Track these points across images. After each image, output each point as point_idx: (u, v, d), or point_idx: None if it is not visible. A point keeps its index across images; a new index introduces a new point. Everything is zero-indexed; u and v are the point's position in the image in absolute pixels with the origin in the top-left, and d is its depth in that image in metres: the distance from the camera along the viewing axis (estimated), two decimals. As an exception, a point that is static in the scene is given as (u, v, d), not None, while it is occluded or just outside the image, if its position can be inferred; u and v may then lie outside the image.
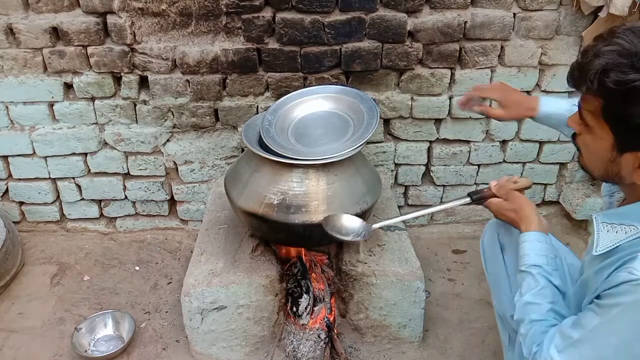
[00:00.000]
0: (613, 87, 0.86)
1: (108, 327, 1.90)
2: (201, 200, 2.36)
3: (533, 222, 1.22)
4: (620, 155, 0.94)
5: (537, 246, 1.17)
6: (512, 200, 1.29)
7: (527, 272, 1.15)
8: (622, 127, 0.91)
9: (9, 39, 2.02)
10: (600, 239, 1.01)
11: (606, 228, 1.00)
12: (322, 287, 1.83)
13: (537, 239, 1.18)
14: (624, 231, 0.97)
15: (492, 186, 1.34)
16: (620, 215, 1.00)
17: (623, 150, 0.93)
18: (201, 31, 2.01)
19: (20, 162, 2.25)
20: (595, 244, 1.01)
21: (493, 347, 1.82)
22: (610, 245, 0.98)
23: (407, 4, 1.99)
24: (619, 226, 0.98)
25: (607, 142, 0.94)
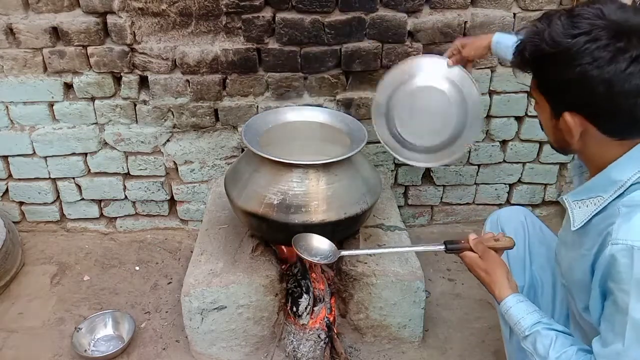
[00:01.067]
0: (529, 58, 1.02)
1: (108, 327, 1.90)
2: (201, 200, 2.36)
3: (504, 286, 1.23)
4: (557, 120, 1.04)
5: (523, 307, 1.19)
6: (487, 260, 1.29)
7: (533, 333, 1.15)
8: (548, 93, 1.05)
9: (9, 39, 2.02)
10: (575, 216, 1.08)
11: (577, 205, 1.08)
12: (322, 287, 1.83)
13: (518, 300, 1.20)
14: (592, 203, 1.05)
15: (470, 240, 1.33)
16: (587, 190, 1.07)
17: (557, 114, 1.03)
18: (201, 31, 2.01)
19: (20, 162, 2.25)
20: (572, 221, 1.08)
21: (493, 347, 1.82)
22: (585, 218, 1.06)
23: (407, 4, 1.99)
24: (587, 200, 1.06)
25: (546, 111, 1.07)
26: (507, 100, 2.21)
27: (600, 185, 1.03)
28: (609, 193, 1.01)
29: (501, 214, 1.59)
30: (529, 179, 2.40)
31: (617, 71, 0.91)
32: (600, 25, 0.93)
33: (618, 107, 0.94)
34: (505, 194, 2.44)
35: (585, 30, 0.93)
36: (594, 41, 0.92)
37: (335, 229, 1.65)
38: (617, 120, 0.97)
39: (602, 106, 0.95)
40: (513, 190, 2.43)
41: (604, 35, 0.92)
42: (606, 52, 0.91)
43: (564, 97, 1.00)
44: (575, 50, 0.93)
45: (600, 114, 0.98)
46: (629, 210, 0.96)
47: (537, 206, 2.48)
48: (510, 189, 2.44)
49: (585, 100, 0.96)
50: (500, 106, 2.22)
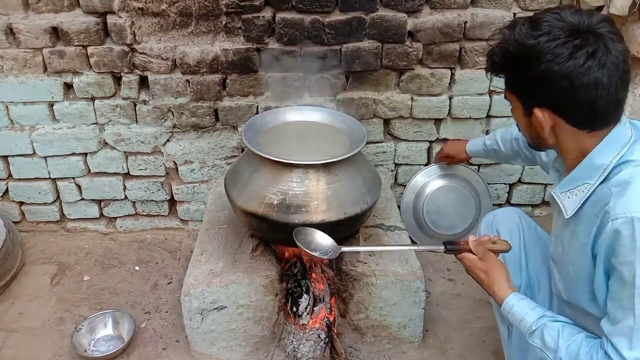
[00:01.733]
0: (497, 60, 1.11)
1: (108, 327, 1.90)
2: (201, 200, 2.36)
3: (505, 287, 1.27)
4: (530, 117, 1.11)
5: (525, 304, 1.22)
6: (487, 261, 1.31)
7: (539, 327, 1.16)
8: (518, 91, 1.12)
9: (9, 39, 2.02)
10: (566, 205, 1.13)
11: (566, 195, 1.13)
12: (322, 287, 1.83)
13: (519, 298, 1.23)
14: (580, 191, 1.10)
15: (470, 241, 1.35)
16: (572, 180, 1.12)
17: (529, 112, 1.10)
18: (201, 31, 2.01)
19: (20, 162, 2.25)
20: (565, 210, 1.13)
21: (493, 347, 1.82)
22: (576, 205, 1.11)
23: (407, 4, 1.99)
24: (575, 189, 1.11)
25: (519, 110, 1.14)
26: (507, 100, 2.21)
27: (585, 173, 1.09)
28: (594, 179, 1.07)
29: (496, 215, 1.62)
30: (529, 179, 2.40)
31: (576, 66, 0.99)
32: (558, 26, 1.02)
33: (579, 99, 1.01)
34: (505, 194, 2.44)
35: (545, 31, 1.02)
36: (554, 40, 1.00)
37: (335, 229, 1.64)
38: (581, 112, 1.04)
39: (566, 99, 1.03)
40: (513, 190, 2.43)
41: (562, 34, 1.00)
42: (565, 48, 0.99)
43: (532, 93, 1.07)
44: (538, 49, 1.01)
45: (565, 107, 1.05)
46: (621, 188, 1.02)
47: (537, 206, 2.48)
48: (510, 189, 2.44)
49: (551, 94, 1.04)
50: (500, 106, 2.22)
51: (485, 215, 1.66)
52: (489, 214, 1.66)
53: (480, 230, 1.63)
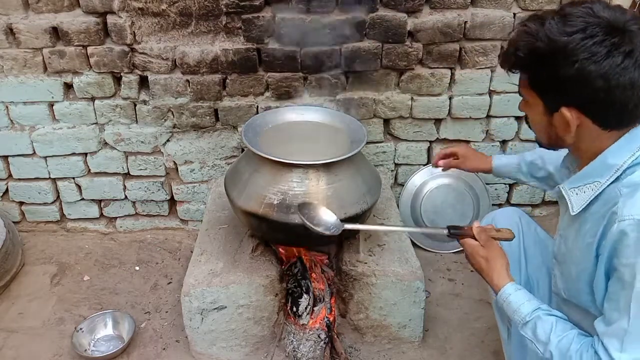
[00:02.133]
0: (525, 57, 1.04)
1: (108, 327, 1.90)
2: (201, 200, 2.36)
3: (503, 276, 1.26)
4: (551, 117, 1.07)
5: (522, 294, 1.21)
6: (489, 249, 1.30)
7: (533, 319, 1.16)
8: (543, 90, 1.06)
9: (9, 39, 2.02)
10: (573, 202, 1.11)
11: (574, 192, 1.11)
12: (322, 287, 1.83)
13: (517, 288, 1.22)
14: (590, 189, 1.08)
15: (474, 227, 1.35)
16: (582, 177, 1.10)
17: (552, 110, 1.06)
18: (201, 31, 2.01)
19: (20, 162, 2.25)
20: (571, 207, 1.11)
21: (493, 347, 1.82)
22: (584, 203, 1.09)
23: (407, 4, 1.99)
24: (584, 186, 1.09)
25: (539, 108, 1.09)
26: (507, 100, 2.21)
27: (597, 171, 1.07)
28: (605, 177, 1.05)
29: (497, 214, 1.62)
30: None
31: (613, 65, 0.95)
32: (593, 23, 0.97)
33: (613, 99, 0.98)
34: (505, 194, 2.44)
35: (581, 27, 0.97)
36: (591, 37, 0.96)
37: (335, 229, 1.65)
38: (611, 112, 1.01)
39: (599, 99, 0.99)
40: (513, 190, 2.43)
41: (599, 31, 0.96)
42: (602, 47, 0.95)
43: (562, 92, 1.02)
44: (573, 47, 0.96)
45: (597, 107, 1.01)
46: (631, 190, 1.00)
47: (537, 206, 2.48)
48: (510, 189, 2.44)
49: (584, 94, 1.00)
50: (500, 106, 2.22)
51: (486, 215, 1.66)
52: (489, 213, 1.66)
53: None
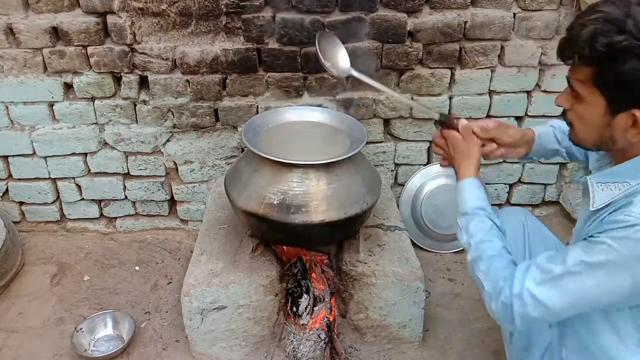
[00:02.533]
0: (603, 50, 0.92)
1: (108, 327, 1.90)
2: (201, 200, 2.36)
3: (471, 169, 1.28)
4: (613, 118, 0.99)
5: (477, 192, 1.23)
6: (467, 142, 1.31)
7: (473, 214, 1.19)
8: (614, 88, 0.96)
9: (9, 39, 2.02)
10: (596, 197, 1.06)
11: (600, 187, 1.06)
12: (322, 287, 1.83)
13: (477, 185, 1.24)
14: (617, 188, 1.03)
15: (461, 122, 1.34)
16: (613, 174, 1.05)
17: (616, 111, 0.98)
18: (201, 31, 2.01)
19: (20, 162, 2.25)
20: (592, 202, 1.06)
21: (493, 347, 1.82)
22: (606, 201, 1.04)
23: (407, 4, 1.99)
24: (612, 184, 1.04)
25: (599, 107, 1.00)
26: (507, 100, 2.21)
27: (630, 172, 1.02)
28: (636, 180, 1.01)
29: (502, 213, 1.61)
30: (529, 179, 2.40)
31: None
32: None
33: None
34: (505, 194, 2.44)
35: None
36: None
37: (335, 229, 1.65)
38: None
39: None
40: (513, 190, 2.43)
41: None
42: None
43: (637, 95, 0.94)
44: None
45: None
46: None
47: (537, 206, 2.48)
48: (510, 189, 2.44)
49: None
50: (500, 106, 2.22)
51: None
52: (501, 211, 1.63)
53: None
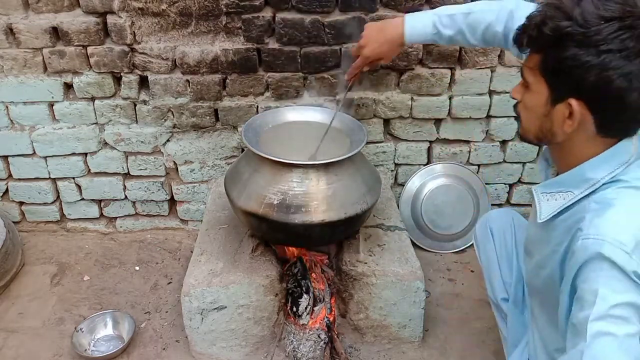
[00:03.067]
0: (549, 34, 0.94)
1: (108, 327, 1.90)
2: (201, 200, 2.36)
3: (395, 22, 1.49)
4: (553, 107, 1.00)
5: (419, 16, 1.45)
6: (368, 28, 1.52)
7: None
8: (556, 75, 0.97)
9: (9, 39, 2.02)
10: (542, 208, 1.07)
11: (546, 197, 1.07)
12: (322, 287, 1.83)
13: None
14: (562, 197, 1.04)
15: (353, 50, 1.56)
16: (557, 184, 1.06)
17: (556, 101, 0.99)
18: (201, 31, 2.01)
19: (20, 162, 2.25)
20: (539, 214, 1.07)
21: (493, 347, 1.82)
22: (552, 211, 1.05)
23: (407, 4, 1.99)
24: (557, 194, 1.05)
25: (542, 96, 1.01)
26: (507, 100, 2.21)
27: (573, 181, 1.02)
28: (579, 190, 1.01)
29: (491, 215, 1.65)
30: (529, 179, 2.40)
31: None
32: (635, 14, 0.89)
33: (627, 103, 0.91)
34: (505, 194, 2.44)
35: (619, 15, 0.88)
36: (628, 29, 0.88)
37: (335, 229, 1.65)
38: (619, 117, 0.95)
39: (613, 99, 0.91)
40: (513, 190, 2.43)
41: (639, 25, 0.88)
42: (638, 43, 0.87)
43: (576, 81, 0.93)
44: (606, 34, 0.88)
45: (607, 107, 0.94)
46: (600, 207, 0.95)
47: (537, 206, 2.48)
48: (510, 189, 2.44)
49: (599, 88, 0.91)
50: (500, 106, 2.22)
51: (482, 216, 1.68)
52: (486, 214, 1.69)
53: (476, 231, 1.67)
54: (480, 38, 1.41)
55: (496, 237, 1.57)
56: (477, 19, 1.39)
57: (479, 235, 1.65)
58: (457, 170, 2.28)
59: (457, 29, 1.42)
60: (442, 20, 1.43)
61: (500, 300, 1.52)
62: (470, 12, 1.40)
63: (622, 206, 0.94)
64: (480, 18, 1.39)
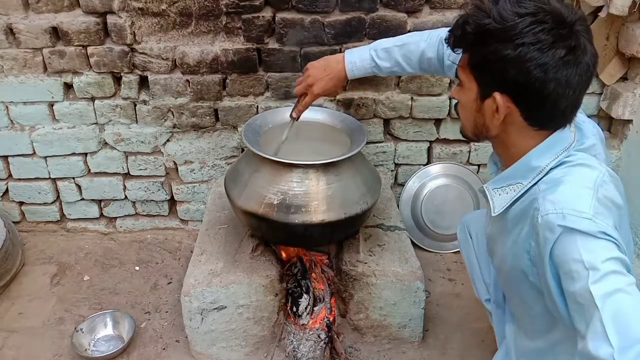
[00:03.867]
0: (471, 31, 1.00)
1: (108, 327, 1.90)
2: (201, 200, 2.36)
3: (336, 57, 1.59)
4: (482, 102, 1.05)
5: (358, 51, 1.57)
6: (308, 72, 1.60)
7: None
8: (481, 71, 1.03)
9: (9, 39, 2.02)
10: (495, 203, 1.11)
11: (497, 192, 1.11)
12: (322, 287, 1.83)
13: None
14: (512, 190, 1.08)
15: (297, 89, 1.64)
16: (505, 178, 1.10)
17: (484, 96, 1.04)
18: (201, 31, 2.01)
19: (20, 162, 2.25)
20: (493, 207, 1.11)
21: (493, 347, 1.82)
22: (505, 204, 1.09)
23: (407, 4, 1.99)
24: (507, 187, 1.09)
25: (473, 92, 1.07)
26: (507, 100, 2.21)
27: (520, 172, 1.06)
28: (528, 179, 1.05)
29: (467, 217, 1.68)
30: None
31: (555, 57, 0.93)
32: (546, 10, 0.95)
33: (547, 94, 0.96)
34: (505, 194, 2.44)
35: (532, 11, 0.95)
36: (540, 23, 0.94)
37: (335, 229, 1.65)
38: (542, 108, 0.99)
39: (533, 90, 0.97)
40: (513, 190, 2.43)
41: (550, 19, 0.94)
42: (549, 36, 0.93)
43: (499, 75, 0.99)
44: (520, 28, 0.94)
45: (529, 98, 0.99)
46: (550, 185, 0.99)
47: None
48: (510, 189, 2.44)
49: (519, 81, 0.97)
50: (500, 106, 2.22)
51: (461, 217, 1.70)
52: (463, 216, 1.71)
53: (457, 233, 1.69)
54: (416, 66, 1.55)
55: (474, 239, 1.59)
56: (411, 49, 1.52)
57: (460, 238, 1.67)
58: (457, 170, 2.28)
59: (394, 60, 1.55)
60: (379, 54, 1.56)
61: (484, 300, 1.56)
62: (404, 44, 1.53)
63: (571, 181, 0.98)
64: (413, 48, 1.52)
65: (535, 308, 1.11)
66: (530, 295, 1.10)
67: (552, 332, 1.10)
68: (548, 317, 1.08)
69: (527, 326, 1.21)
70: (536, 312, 1.12)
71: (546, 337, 1.12)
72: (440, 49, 1.48)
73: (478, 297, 1.61)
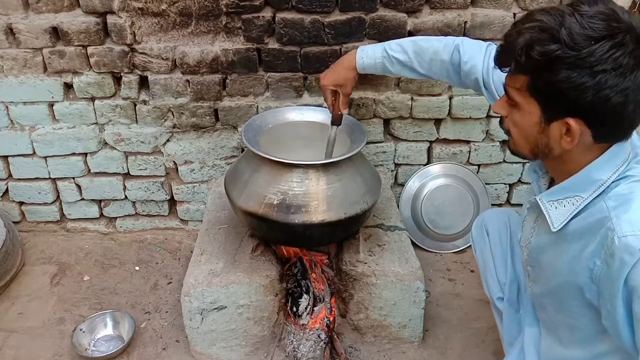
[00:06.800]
0: (538, 58, 0.91)
1: (108, 327, 1.90)
2: (201, 200, 2.36)
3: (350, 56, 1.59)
4: (548, 125, 0.98)
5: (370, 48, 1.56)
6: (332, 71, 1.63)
7: None
8: (548, 97, 0.95)
9: (9, 39, 2.02)
10: (553, 217, 1.05)
11: (553, 205, 1.05)
12: (322, 287, 1.83)
13: None
14: (570, 203, 1.02)
15: None
16: (563, 190, 1.04)
17: (550, 120, 0.97)
18: (201, 31, 2.01)
19: (20, 162, 2.25)
20: (551, 222, 1.05)
21: (493, 347, 1.82)
22: (565, 219, 1.03)
23: (407, 4, 1.99)
24: (564, 200, 1.03)
25: (535, 115, 0.99)
26: (507, 100, 2.21)
27: (579, 185, 1.01)
28: (588, 192, 1.00)
29: (486, 214, 1.66)
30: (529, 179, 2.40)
31: (637, 80, 0.88)
32: (622, 29, 0.87)
33: (625, 115, 0.91)
34: (505, 194, 2.44)
35: (607, 33, 0.87)
36: (620, 46, 0.86)
37: (335, 229, 1.65)
38: (617, 127, 0.94)
39: (612, 113, 0.91)
40: (513, 190, 2.43)
41: (629, 40, 0.87)
42: (631, 58, 0.87)
43: (572, 102, 0.91)
44: (599, 56, 0.86)
45: (605, 121, 0.93)
46: (619, 203, 0.95)
47: (537, 206, 2.48)
48: (510, 189, 2.44)
49: (596, 107, 0.90)
50: (500, 106, 2.22)
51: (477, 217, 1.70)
52: (481, 214, 1.70)
53: (472, 230, 1.68)
54: (427, 66, 1.52)
55: (491, 237, 1.59)
56: (424, 47, 1.51)
57: (475, 235, 1.66)
58: (457, 170, 2.28)
59: (405, 54, 1.53)
60: (392, 46, 1.55)
61: (496, 299, 1.54)
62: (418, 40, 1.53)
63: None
64: (426, 46, 1.50)
65: (580, 321, 1.08)
66: (579, 310, 1.06)
67: (596, 344, 1.07)
68: (592, 330, 1.05)
69: (562, 335, 1.16)
70: (580, 324, 1.08)
71: (588, 348, 1.09)
72: (455, 56, 1.44)
73: (488, 294, 1.59)
